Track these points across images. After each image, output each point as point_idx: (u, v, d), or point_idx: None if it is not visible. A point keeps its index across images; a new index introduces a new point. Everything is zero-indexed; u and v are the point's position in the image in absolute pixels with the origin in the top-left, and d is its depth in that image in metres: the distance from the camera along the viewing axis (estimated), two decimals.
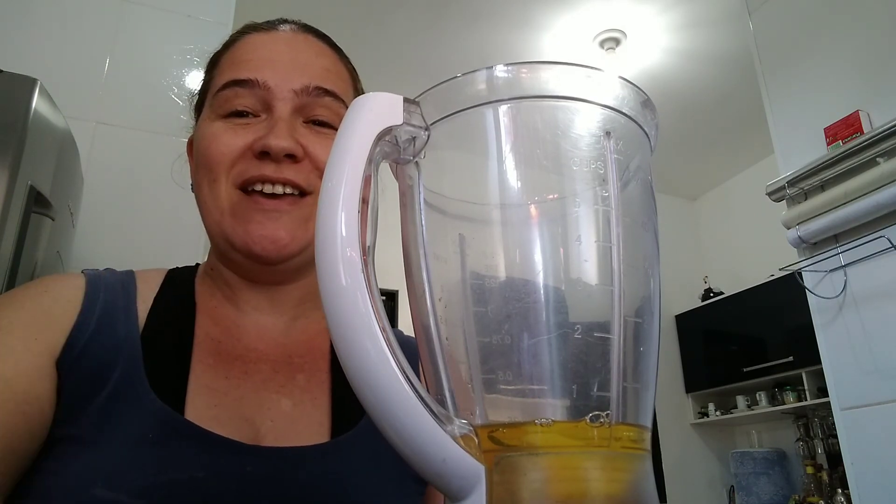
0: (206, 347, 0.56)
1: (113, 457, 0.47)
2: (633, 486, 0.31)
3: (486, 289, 0.33)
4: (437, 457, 0.29)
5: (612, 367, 0.31)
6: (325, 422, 0.56)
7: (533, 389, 0.31)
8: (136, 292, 0.57)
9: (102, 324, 0.53)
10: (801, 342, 2.97)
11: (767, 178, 1.87)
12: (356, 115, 0.33)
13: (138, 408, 0.49)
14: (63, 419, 0.49)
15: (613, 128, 0.34)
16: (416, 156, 0.35)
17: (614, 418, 0.31)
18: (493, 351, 0.32)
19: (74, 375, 0.50)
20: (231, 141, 0.55)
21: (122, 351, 0.52)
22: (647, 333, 0.33)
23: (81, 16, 1.41)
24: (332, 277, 0.30)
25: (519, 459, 0.30)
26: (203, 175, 0.57)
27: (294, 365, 0.59)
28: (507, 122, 0.34)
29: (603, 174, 0.33)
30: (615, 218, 0.33)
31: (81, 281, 0.56)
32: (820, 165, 1.70)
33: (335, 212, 0.30)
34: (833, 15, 1.80)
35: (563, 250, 0.34)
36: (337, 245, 0.30)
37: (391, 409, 0.29)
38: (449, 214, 0.36)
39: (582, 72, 0.34)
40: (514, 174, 0.34)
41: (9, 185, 0.81)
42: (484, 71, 0.33)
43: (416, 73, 3.37)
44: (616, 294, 0.32)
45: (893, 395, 1.51)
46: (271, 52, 0.59)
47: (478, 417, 0.32)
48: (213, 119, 0.57)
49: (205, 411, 0.52)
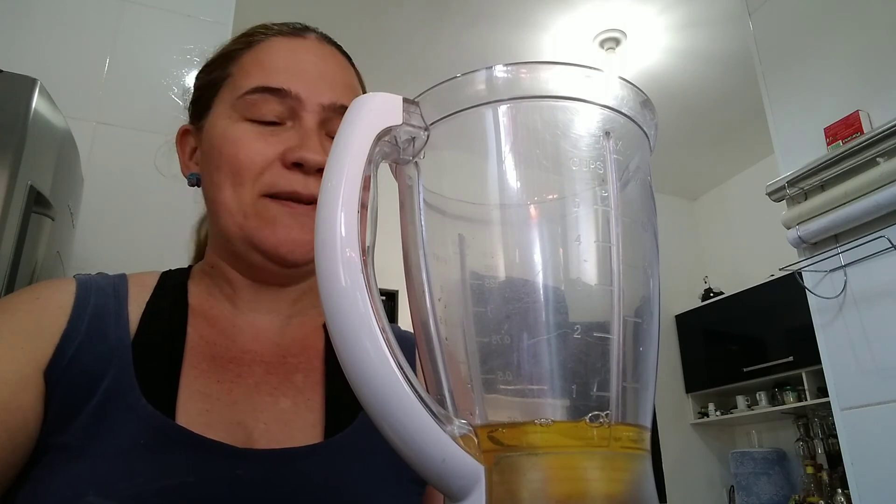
0: (199, 351, 0.56)
1: (104, 464, 0.47)
2: (633, 487, 0.31)
3: (485, 289, 0.33)
4: (436, 457, 0.29)
5: (612, 367, 0.31)
6: (318, 422, 0.56)
7: (532, 389, 0.31)
8: (127, 296, 0.57)
9: (92, 330, 0.53)
10: (801, 342, 2.97)
11: (767, 178, 1.87)
12: (355, 116, 0.33)
13: (129, 414, 0.49)
14: (52, 429, 0.48)
15: (613, 128, 0.34)
16: (415, 156, 0.35)
17: (614, 418, 0.31)
18: (492, 351, 0.32)
19: (63, 385, 0.50)
20: (262, 149, 0.56)
21: (113, 358, 0.52)
22: (647, 333, 0.33)
23: (81, 16, 1.41)
24: (332, 278, 0.30)
25: (519, 459, 0.30)
26: (226, 177, 0.56)
27: (289, 365, 0.59)
28: (506, 122, 0.34)
29: (602, 174, 0.33)
30: (615, 218, 0.33)
31: (73, 286, 0.55)
32: (820, 165, 1.70)
33: (335, 212, 0.30)
34: (833, 15, 1.80)
35: (563, 250, 0.34)
36: (336, 245, 0.30)
37: (391, 410, 0.29)
38: (448, 214, 0.36)
39: (581, 72, 0.34)
40: (514, 174, 0.34)
41: (9, 185, 0.81)
42: (483, 71, 0.33)
43: (416, 73, 3.37)
44: (616, 294, 0.32)
45: (893, 395, 1.51)
46: (302, 62, 0.59)
47: (477, 417, 0.32)
48: (236, 120, 0.57)
49: (196, 417, 0.51)
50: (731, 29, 3.07)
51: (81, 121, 1.31)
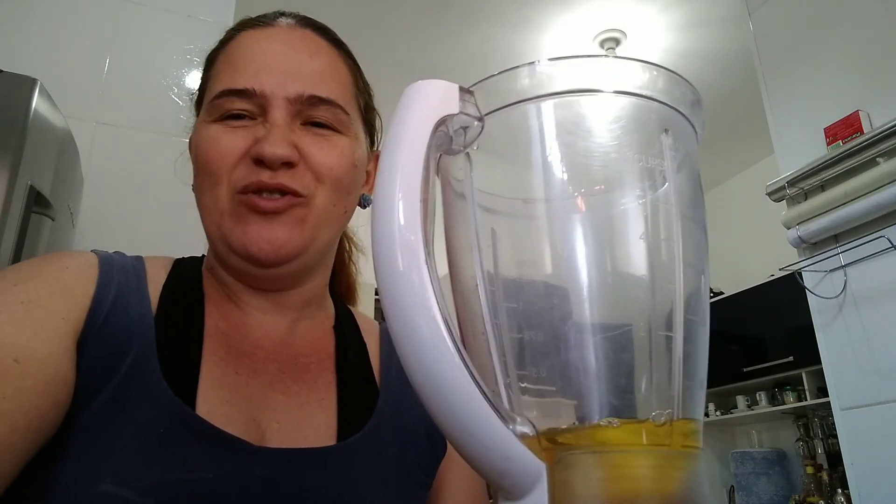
0: (217, 339, 0.55)
1: (122, 451, 0.46)
2: (691, 485, 0.30)
3: (545, 286, 0.32)
4: (500, 454, 0.28)
5: (674, 364, 0.31)
6: (331, 424, 0.56)
7: (593, 387, 0.31)
8: (146, 276, 0.56)
9: (117, 303, 0.51)
10: (801, 342, 2.96)
11: (767, 178, 1.87)
12: (412, 103, 0.32)
13: (149, 398, 0.48)
14: (75, 404, 0.47)
15: (671, 125, 0.33)
16: (466, 147, 0.34)
17: (676, 416, 0.30)
18: (553, 349, 0.31)
19: (89, 359, 0.48)
20: (229, 144, 0.55)
21: (136, 335, 0.50)
22: (700, 330, 0.33)
23: (81, 16, 1.41)
24: (390, 262, 0.29)
25: (582, 457, 0.29)
26: (204, 179, 0.56)
27: (300, 365, 0.58)
28: (557, 116, 0.33)
29: (659, 170, 0.33)
30: (675, 214, 0.32)
31: (95, 259, 0.54)
32: (820, 165, 1.70)
33: (392, 200, 0.29)
34: (833, 15, 1.79)
35: (624, 248, 0.33)
36: (395, 233, 0.29)
37: (453, 404, 0.28)
38: (502, 211, 0.35)
39: (640, 67, 0.33)
40: (568, 168, 0.33)
41: (9, 185, 0.81)
42: (533, 65, 0.33)
43: (416, 73, 3.36)
44: (678, 292, 0.31)
45: (893, 395, 1.51)
46: (265, 55, 0.57)
47: (537, 416, 0.31)
48: (208, 122, 0.57)
49: (217, 406, 0.50)
50: (731, 29, 3.07)
51: (81, 121, 1.31)
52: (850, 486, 1.58)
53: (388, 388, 0.61)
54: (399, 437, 0.59)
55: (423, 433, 0.61)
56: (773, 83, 1.93)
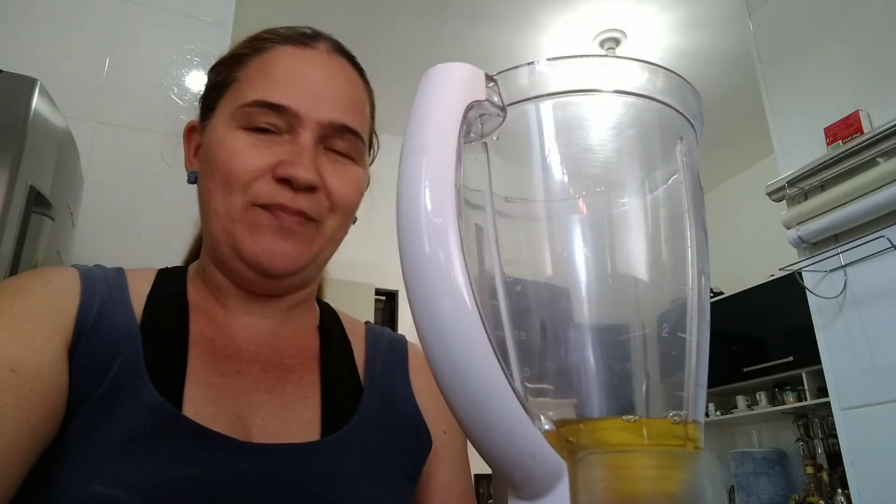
0: (202, 344, 0.56)
1: (111, 452, 0.47)
2: (697, 485, 0.30)
3: (564, 286, 0.32)
4: (527, 451, 0.27)
5: (689, 364, 0.31)
6: (315, 420, 0.57)
7: (612, 386, 0.30)
8: (127, 288, 0.57)
9: (102, 314, 0.53)
10: (801, 342, 2.96)
11: (767, 178, 1.87)
12: (441, 85, 0.30)
13: (137, 401, 0.49)
14: (68, 410, 0.48)
15: (684, 131, 0.34)
16: (485, 136, 0.33)
17: (689, 417, 0.30)
18: (574, 347, 0.31)
19: (78, 368, 0.50)
20: (254, 160, 0.56)
21: (122, 343, 0.52)
22: (704, 333, 0.33)
23: (81, 16, 1.41)
24: (415, 246, 0.27)
25: (603, 457, 0.29)
26: (218, 184, 0.57)
27: (284, 365, 0.60)
28: (567, 115, 0.33)
29: (661, 171, 0.33)
30: (690, 219, 0.32)
31: (76, 273, 0.56)
32: (820, 165, 1.70)
33: (418, 185, 0.28)
34: (833, 15, 1.80)
35: (639, 249, 0.33)
36: (421, 217, 0.27)
37: (483, 399, 0.27)
38: (518, 212, 0.34)
39: (645, 68, 0.33)
40: (581, 167, 0.33)
41: (9, 185, 0.81)
42: (550, 62, 0.32)
43: (416, 73, 3.35)
44: (691, 294, 0.31)
45: (893, 395, 1.51)
46: (307, 77, 0.58)
47: (557, 413, 0.30)
48: (234, 128, 0.57)
49: (203, 406, 0.52)
50: (731, 29, 3.07)
51: (81, 121, 1.31)
52: (850, 486, 1.58)
53: (372, 386, 0.63)
54: (385, 433, 0.60)
55: (409, 427, 0.63)
56: (773, 83, 1.93)
